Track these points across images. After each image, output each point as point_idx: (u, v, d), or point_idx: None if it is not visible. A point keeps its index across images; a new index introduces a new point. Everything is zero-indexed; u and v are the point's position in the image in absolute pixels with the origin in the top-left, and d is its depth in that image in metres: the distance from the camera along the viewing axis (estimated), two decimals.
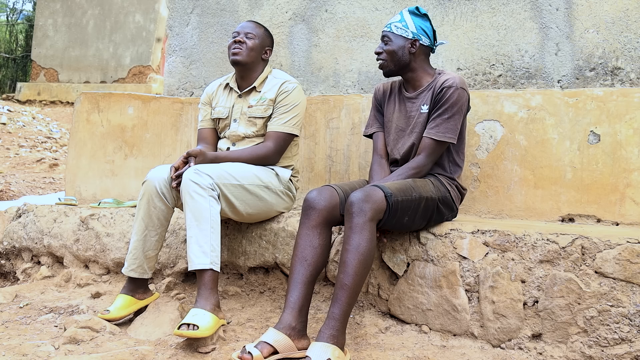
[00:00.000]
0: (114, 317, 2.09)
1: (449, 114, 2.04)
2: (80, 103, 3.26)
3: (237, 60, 2.38)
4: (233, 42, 2.39)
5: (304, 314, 1.84)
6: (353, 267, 1.73)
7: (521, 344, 1.85)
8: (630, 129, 2.26)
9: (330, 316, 1.71)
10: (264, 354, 1.71)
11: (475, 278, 1.95)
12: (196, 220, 1.97)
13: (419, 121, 2.13)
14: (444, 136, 2.04)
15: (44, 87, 10.94)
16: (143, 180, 2.14)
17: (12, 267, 2.96)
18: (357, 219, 1.76)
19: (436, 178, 2.11)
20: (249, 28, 2.42)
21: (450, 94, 2.04)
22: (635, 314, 1.71)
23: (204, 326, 1.80)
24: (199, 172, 2.02)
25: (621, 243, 1.76)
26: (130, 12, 10.63)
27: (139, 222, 2.14)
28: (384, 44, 2.15)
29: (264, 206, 2.26)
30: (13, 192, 5.14)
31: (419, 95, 2.16)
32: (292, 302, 1.82)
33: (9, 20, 15.90)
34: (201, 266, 1.93)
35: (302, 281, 1.85)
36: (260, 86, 2.43)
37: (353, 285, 1.73)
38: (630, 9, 2.42)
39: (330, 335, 1.68)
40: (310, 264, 1.87)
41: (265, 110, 2.37)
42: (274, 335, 1.77)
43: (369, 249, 1.76)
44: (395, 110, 2.22)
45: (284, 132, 2.34)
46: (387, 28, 2.17)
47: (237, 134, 2.40)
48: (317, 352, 1.63)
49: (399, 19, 2.15)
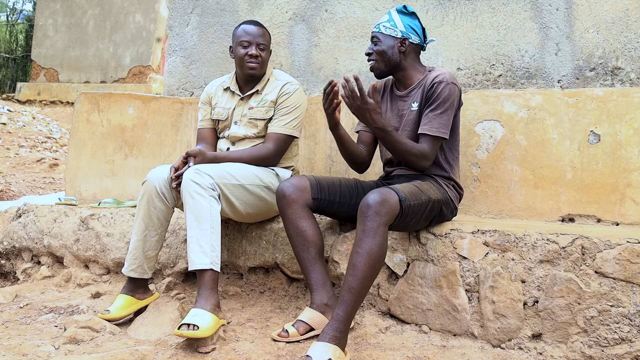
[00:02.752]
0: (114, 317, 2.09)
1: (441, 109, 2.03)
2: (80, 103, 3.26)
3: (254, 74, 2.37)
4: (247, 55, 2.34)
5: (329, 288, 1.99)
6: (362, 271, 1.74)
7: (521, 344, 1.85)
8: (630, 129, 2.26)
9: (335, 317, 1.73)
10: (300, 331, 1.91)
11: (475, 278, 1.95)
12: (196, 220, 1.97)
13: (409, 119, 2.12)
14: (438, 131, 2.02)
15: (44, 87, 10.94)
16: (143, 181, 2.14)
17: (12, 267, 2.96)
18: (371, 223, 1.75)
19: (435, 180, 2.10)
20: (260, 37, 2.37)
21: (442, 89, 2.03)
22: (635, 314, 1.71)
23: (204, 326, 1.80)
24: (200, 172, 2.02)
25: (621, 243, 1.76)
26: (130, 12, 10.63)
27: (139, 222, 2.14)
28: (373, 45, 2.14)
29: (264, 206, 2.26)
30: (13, 192, 5.14)
31: (409, 93, 2.15)
32: (314, 283, 1.98)
33: (9, 20, 15.90)
34: (201, 266, 1.93)
35: (311, 262, 1.99)
36: (262, 88, 2.42)
37: (360, 288, 1.74)
38: (630, 9, 2.42)
39: (333, 336, 1.69)
40: (309, 245, 2.00)
41: (266, 112, 2.37)
42: (308, 314, 1.94)
43: (379, 254, 1.76)
44: (388, 109, 2.22)
45: (284, 134, 2.34)
46: (375, 29, 2.15)
47: (237, 135, 2.39)
48: (319, 352, 1.65)
49: (387, 19, 2.14)
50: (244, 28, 2.39)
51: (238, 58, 2.37)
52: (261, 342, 1.92)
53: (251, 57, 2.34)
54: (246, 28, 2.39)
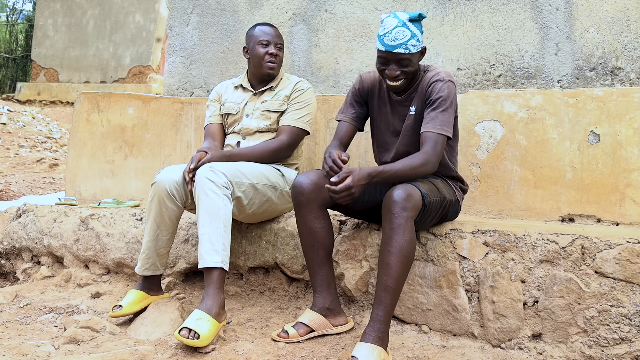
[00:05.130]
0: (127, 313, 2.09)
1: (443, 107, 1.93)
2: (80, 103, 3.26)
3: (273, 74, 2.43)
4: (268, 54, 2.40)
5: (333, 291, 2.00)
6: (396, 269, 1.73)
7: (521, 344, 1.85)
8: (630, 129, 2.26)
9: (375, 318, 1.73)
10: (301, 333, 1.92)
11: (475, 278, 1.95)
12: (210, 218, 1.96)
13: (408, 124, 2.04)
14: (442, 129, 1.91)
15: (44, 87, 10.93)
16: (152, 182, 2.15)
17: (12, 267, 2.96)
18: (399, 219, 1.74)
19: (444, 180, 2.07)
20: (277, 38, 2.44)
21: (441, 87, 1.94)
22: (635, 314, 1.71)
23: (204, 335, 1.80)
24: (214, 170, 2.02)
25: (621, 243, 1.76)
26: (130, 12, 10.62)
27: (151, 222, 2.14)
28: (403, 67, 1.93)
29: (269, 206, 2.26)
30: (13, 192, 5.14)
31: (408, 97, 2.05)
32: (318, 284, 1.98)
33: (9, 20, 15.89)
34: (212, 264, 1.93)
35: (319, 263, 1.98)
36: (276, 85, 2.47)
37: (396, 287, 1.74)
38: (630, 9, 2.42)
39: (377, 337, 1.71)
40: (319, 246, 1.97)
41: (280, 105, 2.40)
42: (309, 316, 1.95)
43: (410, 249, 1.75)
44: (388, 112, 2.11)
45: (298, 127, 2.37)
46: (403, 50, 1.90)
47: (249, 127, 2.41)
48: (364, 353, 1.67)
49: (410, 35, 1.91)
50: (261, 29, 2.44)
51: (257, 57, 2.40)
52: (261, 342, 1.92)
53: (271, 56, 2.40)
54: (263, 29, 2.44)
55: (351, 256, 2.17)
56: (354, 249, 2.17)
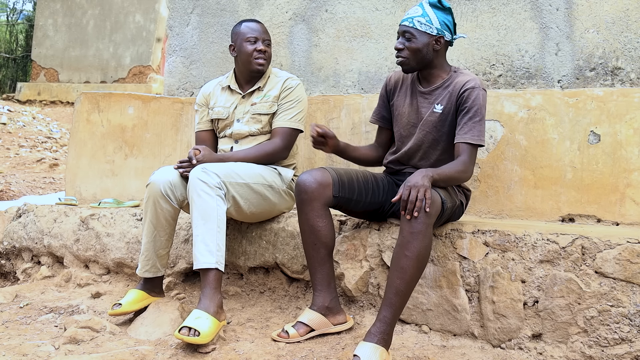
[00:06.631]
0: (126, 311, 2.09)
1: (479, 117, 1.94)
2: (80, 103, 3.26)
3: (262, 70, 2.38)
4: (256, 51, 2.34)
5: (332, 290, 2.00)
6: (410, 274, 1.73)
7: (521, 344, 1.85)
8: (631, 129, 2.26)
9: (382, 319, 1.74)
10: (300, 333, 1.92)
11: (475, 278, 1.95)
12: (203, 219, 1.96)
13: (430, 120, 2.03)
14: (479, 139, 1.93)
15: (44, 87, 10.93)
16: (146, 183, 2.14)
17: (12, 267, 2.96)
18: (420, 225, 1.71)
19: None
20: (264, 34, 2.40)
21: (475, 95, 1.94)
22: (635, 314, 1.71)
23: (204, 332, 1.80)
24: (207, 171, 2.02)
25: (621, 243, 1.76)
26: (130, 12, 10.62)
27: (148, 224, 2.14)
28: (405, 40, 1.98)
29: (267, 206, 2.26)
30: (13, 192, 5.14)
31: (433, 91, 2.04)
32: (318, 283, 1.98)
33: (9, 20, 15.89)
34: (207, 265, 1.93)
35: (319, 262, 1.98)
36: (264, 85, 2.42)
37: (407, 291, 1.75)
38: (630, 9, 2.42)
39: (381, 338, 1.72)
40: (321, 245, 1.97)
41: (270, 107, 2.36)
42: (308, 315, 1.96)
43: (426, 255, 1.75)
44: (407, 103, 2.11)
45: (291, 128, 2.34)
46: (408, 22, 1.97)
47: (240, 132, 2.38)
48: (366, 352, 1.67)
49: (421, 13, 1.97)
50: (247, 25, 2.40)
51: (245, 54, 2.35)
52: (261, 342, 1.92)
53: (260, 53, 2.35)
54: (250, 25, 2.40)
55: (351, 256, 2.17)
56: (354, 249, 2.17)
